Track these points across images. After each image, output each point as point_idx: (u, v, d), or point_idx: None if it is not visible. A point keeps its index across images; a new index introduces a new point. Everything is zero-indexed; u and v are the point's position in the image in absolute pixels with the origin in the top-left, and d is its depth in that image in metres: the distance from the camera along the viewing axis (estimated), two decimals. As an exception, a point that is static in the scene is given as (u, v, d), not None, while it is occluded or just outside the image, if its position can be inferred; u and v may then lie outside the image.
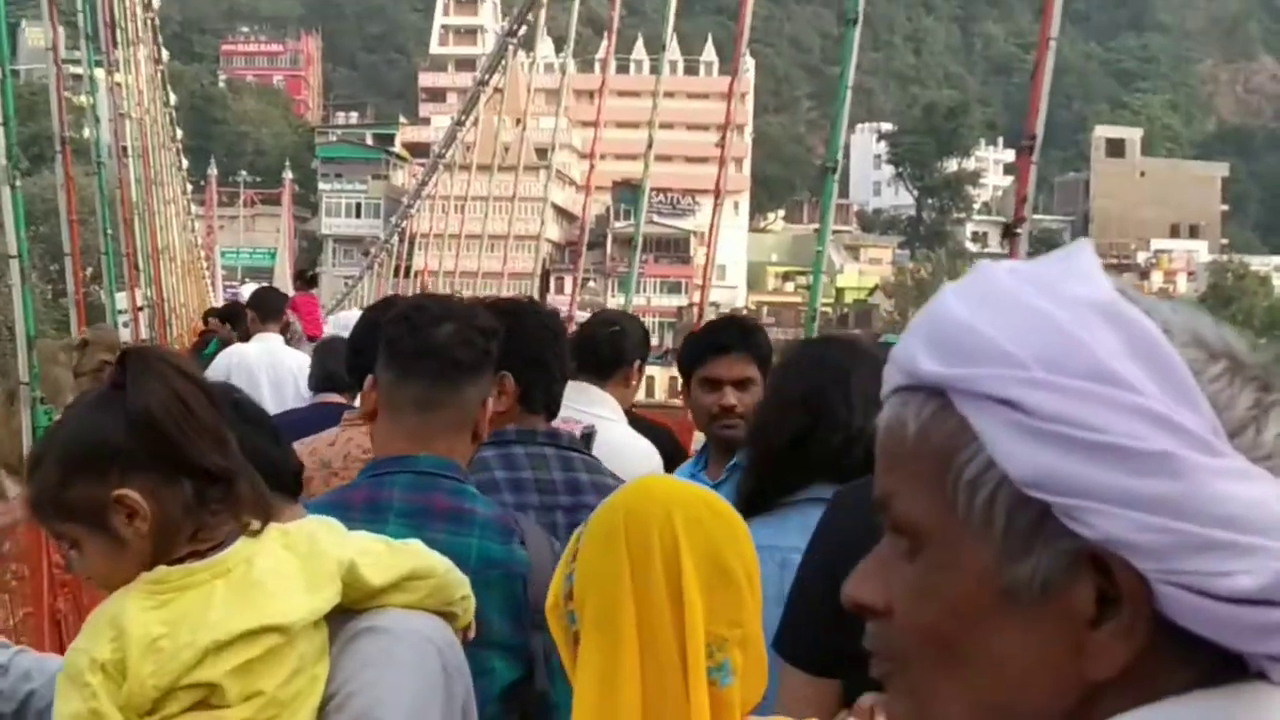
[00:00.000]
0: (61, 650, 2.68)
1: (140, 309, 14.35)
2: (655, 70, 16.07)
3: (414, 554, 2.09)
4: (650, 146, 14.21)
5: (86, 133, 21.89)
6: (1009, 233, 5.86)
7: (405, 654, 2.00)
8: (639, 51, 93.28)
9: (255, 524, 1.91)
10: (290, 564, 1.93)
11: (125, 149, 16.95)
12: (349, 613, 2.01)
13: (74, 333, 8.49)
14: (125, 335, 13.68)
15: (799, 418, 2.92)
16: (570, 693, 1.82)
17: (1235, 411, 0.86)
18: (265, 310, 8.89)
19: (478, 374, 2.71)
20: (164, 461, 1.86)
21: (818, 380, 2.96)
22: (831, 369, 2.97)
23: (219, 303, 25.77)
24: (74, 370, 6.59)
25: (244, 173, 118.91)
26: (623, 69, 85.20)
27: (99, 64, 17.32)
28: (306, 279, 15.77)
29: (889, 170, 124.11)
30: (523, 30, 22.53)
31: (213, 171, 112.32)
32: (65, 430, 1.96)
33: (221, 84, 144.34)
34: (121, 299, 14.06)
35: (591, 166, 18.76)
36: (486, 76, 27.24)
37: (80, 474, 1.87)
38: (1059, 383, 0.86)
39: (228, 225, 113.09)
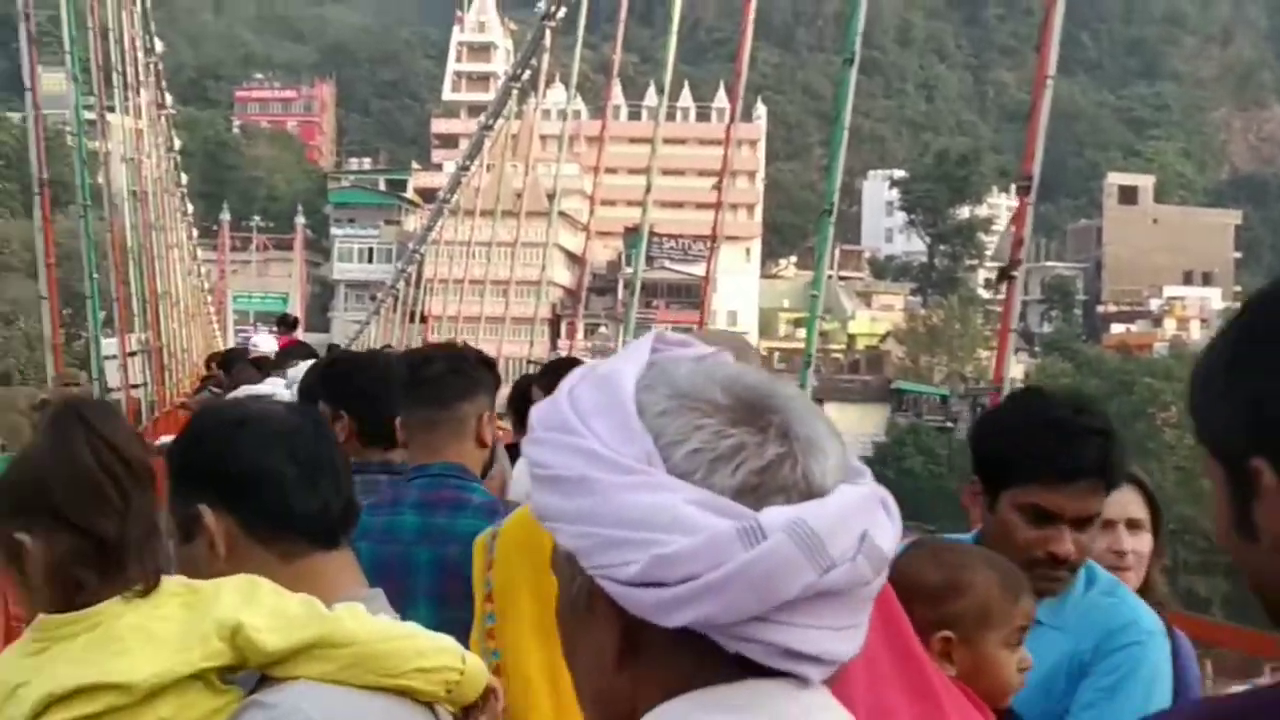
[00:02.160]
0: None
1: (134, 354, 14.23)
2: (664, 116, 16.02)
3: (333, 620, 1.92)
4: (649, 190, 14.13)
5: (99, 177, 21.88)
6: (1004, 276, 5.67)
7: None
8: (650, 98, 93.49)
9: (138, 585, 1.91)
10: (171, 623, 1.90)
11: (120, 193, 16.86)
12: (269, 680, 1.91)
13: (50, 375, 8.33)
14: (115, 379, 13.53)
15: None
16: None
17: (684, 445, 1.07)
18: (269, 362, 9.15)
19: (469, 396, 3.48)
20: (48, 514, 1.91)
21: None
22: None
23: (230, 346, 25.64)
24: (34, 427, 6.39)
25: (257, 218, 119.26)
26: (634, 115, 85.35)
27: (89, 108, 17.27)
28: (288, 323, 16.80)
29: (901, 217, 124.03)
30: (528, 74, 22.48)
31: (226, 216, 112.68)
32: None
33: (236, 130, 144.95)
34: (115, 343, 13.95)
35: (592, 210, 18.66)
36: (491, 121, 27.26)
37: None
38: (540, 436, 1.11)
39: (241, 270, 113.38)
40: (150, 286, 19.66)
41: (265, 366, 9.17)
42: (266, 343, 12.55)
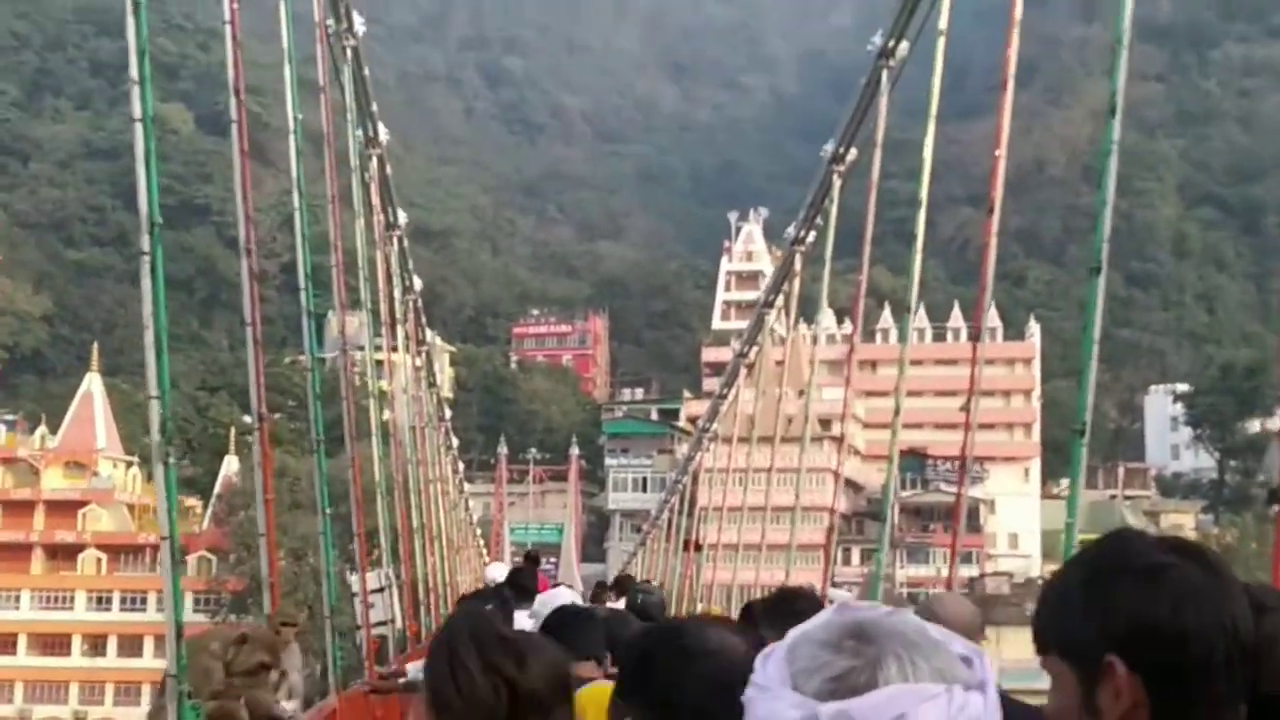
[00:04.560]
0: None
1: (378, 590, 14.24)
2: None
3: None
4: (898, 413, 13.78)
5: (385, 414, 22.48)
6: (1273, 499, 5.05)
7: None
8: (921, 319, 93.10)
9: None
10: None
11: (400, 428, 17.19)
12: None
13: (266, 614, 8.21)
14: (376, 614, 13.57)
15: None
16: None
17: (796, 666, 1.59)
18: (519, 589, 9.11)
19: None
20: None
21: None
22: None
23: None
24: (226, 665, 6.20)
25: (534, 450, 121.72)
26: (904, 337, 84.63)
27: (377, 348, 17.82)
28: (531, 558, 17.24)
29: (1187, 432, 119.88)
30: (782, 300, 22.41)
31: (503, 450, 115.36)
32: None
33: (513, 365, 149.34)
34: (370, 578, 14.05)
35: (839, 435, 18.13)
36: (745, 349, 27.29)
37: None
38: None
39: (518, 502, 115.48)
40: (404, 522, 19.84)
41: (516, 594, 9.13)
42: (498, 571, 12.61)
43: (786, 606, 4.53)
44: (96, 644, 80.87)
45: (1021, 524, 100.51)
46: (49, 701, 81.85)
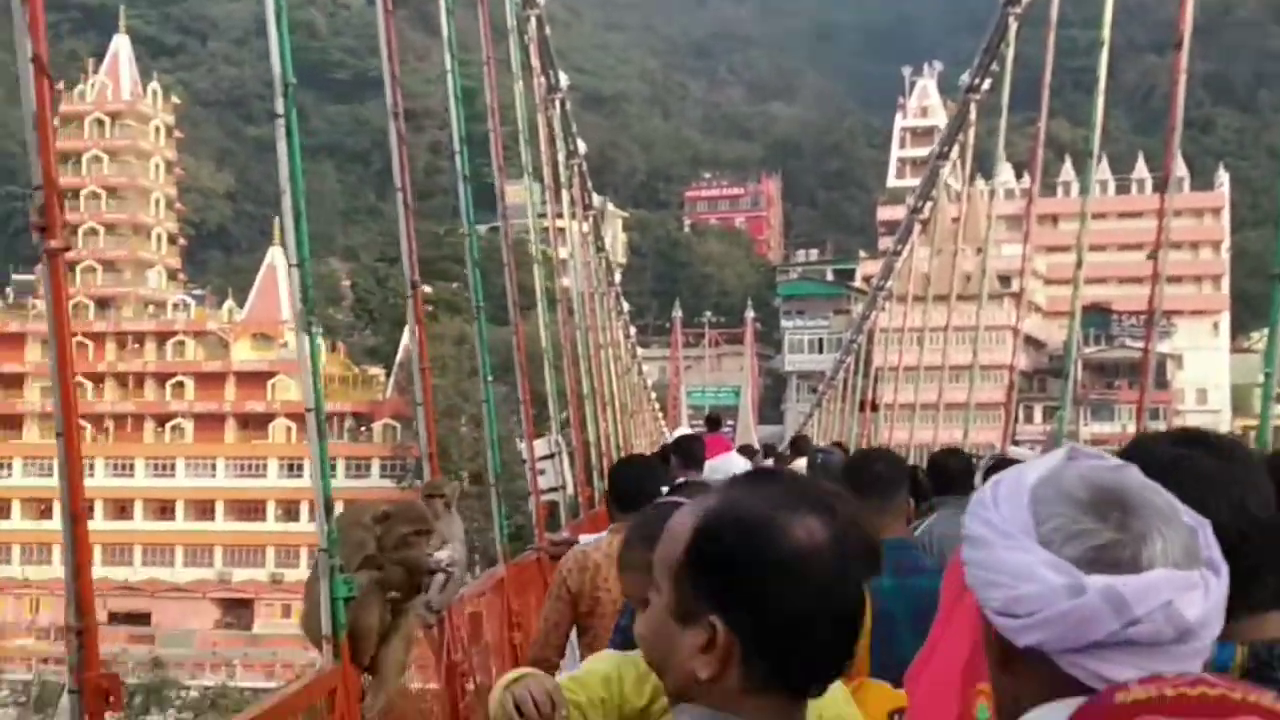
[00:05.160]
0: None
1: (548, 456, 14.19)
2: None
3: None
4: (1080, 266, 13.13)
5: (564, 283, 22.42)
6: None
7: None
8: (1104, 171, 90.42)
9: None
10: None
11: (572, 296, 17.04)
12: None
13: (425, 479, 8.11)
14: (545, 481, 13.56)
15: None
16: None
17: (1047, 524, 1.53)
18: (685, 457, 9.18)
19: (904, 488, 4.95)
20: None
21: None
22: None
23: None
24: (378, 544, 6.06)
25: (708, 314, 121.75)
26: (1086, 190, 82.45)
27: (542, 216, 17.58)
28: (712, 420, 17.81)
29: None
30: (953, 153, 21.65)
31: (678, 314, 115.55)
32: None
33: (686, 229, 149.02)
34: (539, 445, 14.03)
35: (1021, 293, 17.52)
36: (920, 204, 26.60)
37: None
38: (972, 508, 1.62)
39: (694, 366, 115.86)
40: (572, 387, 19.78)
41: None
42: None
43: (867, 467, 4.90)
44: (290, 509, 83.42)
45: (1210, 378, 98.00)
46: (247, 565, 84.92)
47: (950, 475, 7.19)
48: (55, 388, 4.45)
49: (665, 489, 5.91)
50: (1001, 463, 6.38)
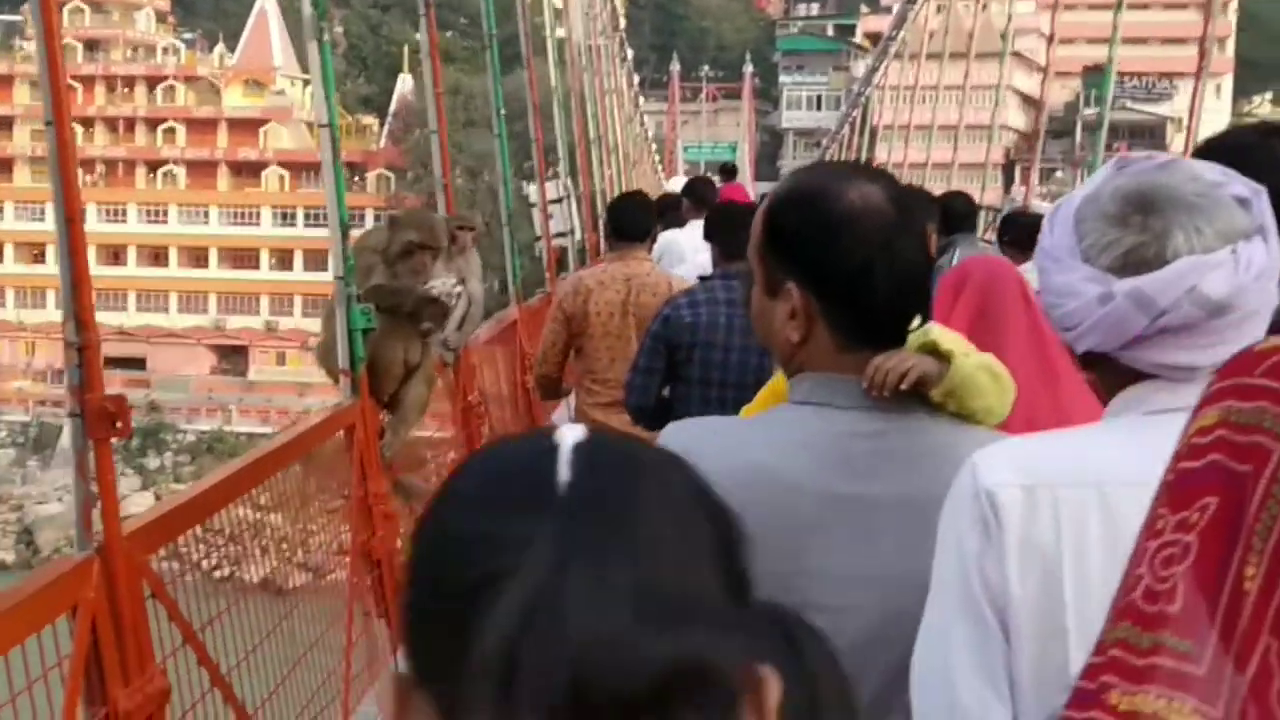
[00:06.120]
0: None
1: (556, 200, 14.27)
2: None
3: None
4: (1116, 27, 13.05)
5: (560, 31, 22.05)
6: None
7: None
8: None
9: None
10: None
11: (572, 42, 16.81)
12: None
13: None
14: (553, 225, 13.62)
15: None
16: None
17: (1086, 240, 1.70)
18: (697, 198, 9.45)
19: None
20: None
21: None
22: None
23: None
24: (384, 255, 6.00)
25: (706, 68, 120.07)
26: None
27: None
28: (727, 170, 18.13)
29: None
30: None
31: (675, 68, 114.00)
32: None
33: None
34: (549, 188, 14.09)
35: (1050, 47, 17.39)
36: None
37: None
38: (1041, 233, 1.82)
39: (691, 120, 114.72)
40: (579, 133, 19.70)
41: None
42: (676, 185, 12.77)
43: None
44: (284, 258, 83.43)
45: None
46: (241, 312, 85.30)
47: (959, 215, 7.83)
48: (41, 52, 3.82)
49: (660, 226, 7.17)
50: (1020, 212, 6.60)
